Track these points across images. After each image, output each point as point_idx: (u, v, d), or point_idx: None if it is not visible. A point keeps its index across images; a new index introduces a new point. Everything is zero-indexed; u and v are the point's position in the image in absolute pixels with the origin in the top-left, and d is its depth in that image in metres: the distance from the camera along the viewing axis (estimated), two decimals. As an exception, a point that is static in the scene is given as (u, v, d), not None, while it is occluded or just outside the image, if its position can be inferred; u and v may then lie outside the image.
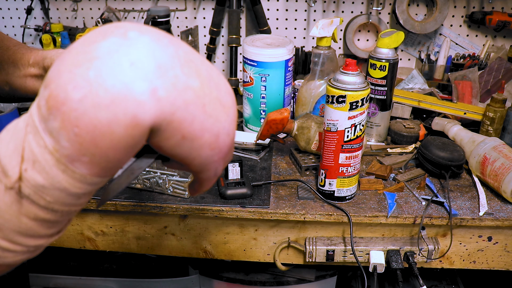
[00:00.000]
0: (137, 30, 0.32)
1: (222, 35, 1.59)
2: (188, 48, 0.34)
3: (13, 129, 0.33)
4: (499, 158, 0.95)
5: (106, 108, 0.29)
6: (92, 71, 0.29)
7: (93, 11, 1.58)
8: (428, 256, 0.93)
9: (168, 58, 0.31)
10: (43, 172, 0.31)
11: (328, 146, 0.88)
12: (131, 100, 0.30)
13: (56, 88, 0.30)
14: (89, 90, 0.29)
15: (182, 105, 0.32)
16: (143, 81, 0.30)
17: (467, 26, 1.52)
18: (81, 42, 0.31)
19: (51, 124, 0.30)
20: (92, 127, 0.30)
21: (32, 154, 0.31)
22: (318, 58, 1.12)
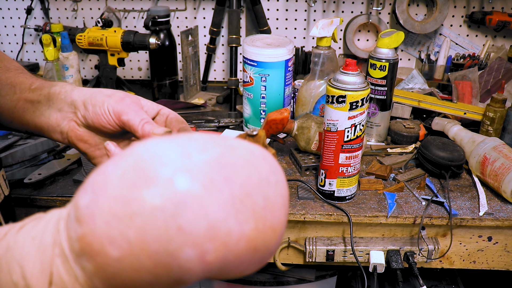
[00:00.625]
0: (187, 173, 0.28)
1: (222, 35, 1.59)
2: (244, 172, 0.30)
3: (39, 242, 0.31)
4: (499, 158, 0.95)
5: (148, 272, 0.28)
6: (132, 230, 0.27)
7: (93, 11, 1.58)
8: (428, 256, 0.93)
9: (221, 209, 0.28)
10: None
11: (328, 146, 0.88)
12: (176, 268, 0.28)
13: (91, 234, 0.28)
14: (129, 252, 0.27)
15: (232, 259, 0.29)
16: (191, 248, 0.27)
17: (467, 26, 1.52)
18: (118, 180, 0.28)
19: (84, 263, 0.29)
20: (131, 283, 0.29)
21: (61, 282, 0.30)
22: (318, 58, 1.12)
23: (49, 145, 1.10)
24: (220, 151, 0.30)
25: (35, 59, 1.68)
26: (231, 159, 0.30)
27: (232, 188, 0.29)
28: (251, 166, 0.30)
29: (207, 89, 1.58)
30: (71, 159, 1.08)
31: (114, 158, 0.30)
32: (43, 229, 0.32)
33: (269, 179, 0.31)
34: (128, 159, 0.29)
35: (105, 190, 0.28)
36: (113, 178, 0.29)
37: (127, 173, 0.28)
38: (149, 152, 0.29)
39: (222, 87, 1.60)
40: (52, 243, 0.31)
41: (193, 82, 1.49)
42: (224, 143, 0.31)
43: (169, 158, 0.28)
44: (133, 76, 1.68)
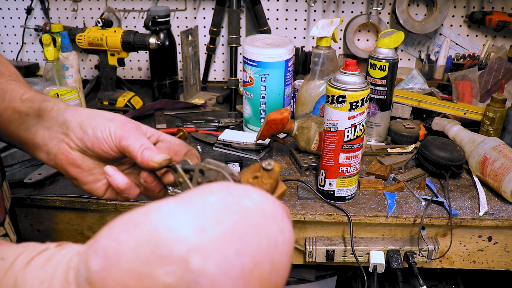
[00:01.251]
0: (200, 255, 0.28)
1: (222, 35, 1.59)
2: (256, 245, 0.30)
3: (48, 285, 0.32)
4: (499, 158, 0.95)
5: None
6: None
7: (93, 11, 1.58)
8: (428, 256, 0.93)
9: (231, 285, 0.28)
10: None
11: (328, 146, 0.88)
12: None
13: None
14: None
15: None
16: None
17: (467, 26, 1.52)
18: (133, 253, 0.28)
19: None
20: None
21: None
22: (318, 58, 1.12)
23: (49, 145, 1.10)
24: (235, 220, 0.30)
25: (35, 59, 1.68)
26: (244, 227, 0.30)
27: (243, 261, 0.29)
28: (262, 231, 0.31)
29: (207, 89, 1.58)
30: (71, 159, 1.07)
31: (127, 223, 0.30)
32: (52, 274, 0.32)
33: (277, 241, 0.31)
34: (142, 229, 0.29)
35: (118, 261, 0.29)
36: (127, 250, 0.29)
37: (141, 247, 0.28)
38: (164, 225, 0.29)
39: (222, 87, 1.60)
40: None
41: (193, 82, 1.49)
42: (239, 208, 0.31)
43: (184, 233, 0.28)
44: (133, 76, 1.68)
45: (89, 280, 0.29)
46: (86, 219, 0.99)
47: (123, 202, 0.93)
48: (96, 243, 0.31)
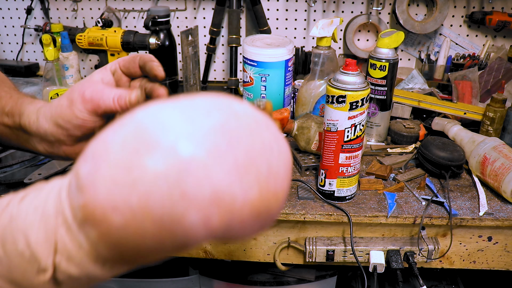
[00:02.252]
0: (191, 139, 0.27)
1: (222, 35, 1.59)
2: (248, 139, 0.29)
3: (42, 211, 0.32)
4: (499, 158, 0.95)
5: (152, 237, 0.28)
6: (135, 197, 0.27)
7: (93, 11, 1.58)
8: (428, 256, 0.93)
9: (226, 176, 0.27)
10: (79, 267, 0.31)
11: (328, 146, 0.88)
12: (180, 232, 0.28)
13: (93, 202, 0.28)
14: (132, 218, 0.27)
15: (237, 223, 0.29)
16: (195, 214, 0.27)
17: (467, 26, 1.52)
18: (120, 146, 0.28)
19: (88, 231, 0.30)
20: (135, 249, 0.29)
21: (66, 250, 0.31)
22: (318, 58, 1.12)
23: (49, 145, 1.10)
24: (224, 117, 0.29)
25: (35, 59, 1.68)
26: (235, 126, 0.29)
27: (236, 154, 0.28)
28: (255, 134, 0.30)
29: (207, 89, 1.58)
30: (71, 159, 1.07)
31: (114, 126, 0.29)
32: (45, 199, 0.32)
33: (272, 147, 0.30)
34: (128, 126, 0.28)
35: (106, 158, 0.28)
36: (114, 146, 0.28)
37: (128, 140, 0.28)
38: (151, 118, 0.28)
39: (222, 87, 1.60)
40: (55, 213, 0.31)
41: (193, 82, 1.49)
42: (228, 108, 0.30)
43: (172, 123, 0.27)
44: (133, 76, 1.68)
45: (79, 186, 0.29)
46: (86, 219, 0.99)
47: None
48: (84, 152, 0.30)
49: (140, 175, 0.27)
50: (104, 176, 0.28)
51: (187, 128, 0.27)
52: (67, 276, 0.32)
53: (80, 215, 0.29)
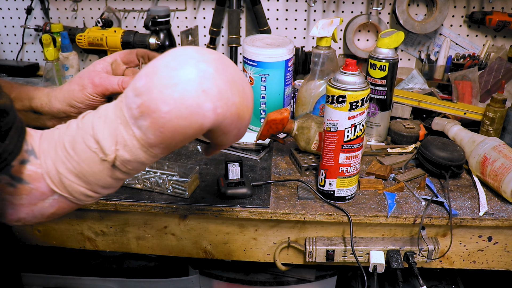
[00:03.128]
0: (204, 62, 0.46)
1: (222, 35, 1.59)
2: (232, 69, 0.49)
3: (104, 119, 0.47)
4: (499, 158, 0.95)
5: (185, 118, 0.44)
6: (177, 93, 0.44)
7: (93, 11, 1.58)
8: (428, 256, 0.93)
9: (224, 83, 0.46)
10: (130, 152, 0.47)
11: (328, 146, 0.88)
12: (201, 115, 0.45)
13: (149, 100, 0.44)
14: (174, 106, 0.44)
15: (228, 116, 0.48)
16: (209, 103, 0.45)
17: (467, 26, 1.52)
18: (164, 67, 0.45)
19: (141, 123, 0.45)
20: (173, 129, 0.45)
21: (123, 140, 0.46)
22: (318, 58, 1.12)
23: (49, 145, 1.10)
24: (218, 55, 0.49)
25: (35, 59, 1.68)
26: (223, 60, 0.49)
27: (228, 74, 0.48)
28: (234, 67, 0.50)
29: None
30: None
31: (157, 59, 0.46)
32: (105, 111, 0.48)
33: (243, 78, 0.51)
34: (167, 56, 0.46)
35: (156, 73, 0.45)
36: (161, 66, 0.45)
37: (169, 63, 0.45)
38: (180, 51, 0.47)
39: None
40: (115, 117, 0.46)
41: (193, 82, 1.49)
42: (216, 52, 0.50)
43: (193, 54, 0.46)
44: (133, 76, 1.68)
45: (137, 93, 0.44)
46: (86, 219, 0.99)
47: (123, 202, 0.93)
48: (136, 75, 0.46)
49: (179, 80, 0.44)
50: (156, 83, 0.44)
51: (202, 57, 0.46)
52: (122, 161, 0.47)
53: (136, 112, 0.44)
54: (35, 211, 0.49)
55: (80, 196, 0.50)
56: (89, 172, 0.48)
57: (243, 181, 0.96)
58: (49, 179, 0.48)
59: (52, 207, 0.50)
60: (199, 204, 0.92)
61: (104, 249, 1.04)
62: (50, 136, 0.49)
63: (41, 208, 0.49)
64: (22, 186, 0.47)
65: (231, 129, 0.50)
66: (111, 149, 0.46)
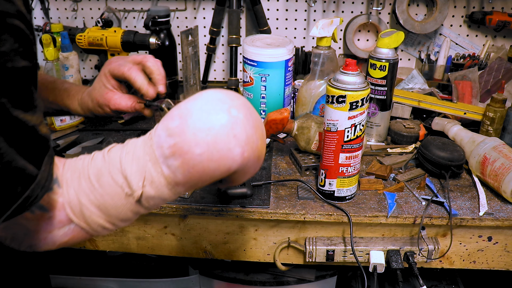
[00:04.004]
0: (235, 108, 0.48)
1: (222, 35, 1.59)
2: (255, 113, 0.52)
3: (132, 154, 0.49)
4: (499, 158, 0.95)
5: (215, 161, 0.47)
6: (210, 137, 0.46)
7: (93, 11, 1.58)
8: (428, 256, 0.93)
9: (251, 129, 0.49)
10: (156, 189, 0.48)
11: (328, 146, 0.88)
12: (230, 158, 0.47)
13: (182, 141, 0.46)
14: (206, 149, 0.46)
15: (252, 159, 0.50)
16: (239, 148, 0.48)
17: (467, 26, 1.52)
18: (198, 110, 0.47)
19: (171, 162, 0.47)
20: (202, 170, 0.47)
21: (150, 177, 0.48)
22: (318, 58, 1.12)
23: (49, 145, 1.10)
24: (244, 100, 0.51)
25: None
26: (249, 105, 0.51)
27: (253, 119, 0.50)
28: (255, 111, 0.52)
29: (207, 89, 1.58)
30: (71, 159, 1.07)
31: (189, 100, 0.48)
32: (133, 146, 0.49)
33: (261, 120, 0.55)
34: (201, 99, 0.48)
35: (191, 115, 0.46)
36: (195, 109, 0.47)
37: (203, 106, 0.47)
38: (212, 95, 0.49)
39: (222, 87, 1.60)
40: (143, 154, 0.48)
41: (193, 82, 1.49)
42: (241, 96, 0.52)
43: (225, 99, 0.48)
44: (133, 76, 1.68)
45: (170, 134, 0.46)
46: (86, 219, 0.99)
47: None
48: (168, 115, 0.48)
49: (213, 124, 0.46)
50: (190, 125, 0.46)
51: (233, 102, 0.48)
52: (146, 197, 0.48)
53: (168, 152, 0.46)
54: (48, 238, 0.50)
55: (98, 228, 0.50)
56: (112, 205, 0.49)
57: None
58: (69, 208, 0.48)
59: (66, 236, 0.50)
60: (199, 204, 0.92)
61: (104, 249, 1.04)
62: (74, 165, 0.50)
63: (54, 236, 0.49)
64: (41, 213, 0.47)
65: (251, 170, 0.53)
66: (138, 185, 0.48)
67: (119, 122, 1.31)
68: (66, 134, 1.22)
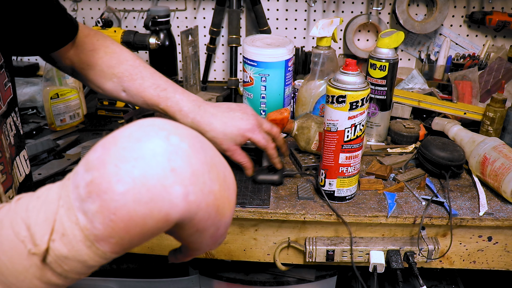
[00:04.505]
0: (178, 136, 0.35)
1: (222, 35, 1.59)
2: (212, 151, 0.39)
3: (44, 199, 0.36)
4: (499, 158, 0.95)
5: (145, 204, 0.33)
6: (137, 170, 0.33)
7: (93, 11, 1.58)
8: (428, 256, 0.93)
9: (200, 165, 0.36)
10: (69, 245, 0.34)
11: (328, 146, 0.88)
12: (167, 201, 0.34)
13: (100, 177, 0.33)
14: (132, 186, 0.33)
15: (204, 207, 0.36)
16: (180, 186, 0.34)
17: (467, 26, 1.52)
18: (126, 137, 0.35)
19: (88, 206, 0.34)
20: (128, 217, 0.33)
21: (62, 227, 0.34)
22: (318, 58, 1.12)
23: (49, 145, 1.10)
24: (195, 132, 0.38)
25: (35, 59, 1.68)
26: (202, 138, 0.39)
27: (206, 154, 0.37)
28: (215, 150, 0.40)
29: (207, 89, 1.58)
30: (71, 159, 1.08)
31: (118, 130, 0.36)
32: (48, 189, 0.37)
33: (225, 164, 0.41)
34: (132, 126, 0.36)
35: (115, 144, 0.34)
36: (121, 137, 0.35)
37: (133, 133, 0.35)
38: (148, 121, 0.36)
39: (222, 87, 1.60)
40: (57, 198, 0.35)
41: (193, 82, 1.49)
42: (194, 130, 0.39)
43: (164, 126, 0.36)
44: (133, 76, 1.68)
45: (88, 168, 0.34)
46: (86, 219, 0.99)
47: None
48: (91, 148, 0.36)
49: (142, 153, 0.33)
50: (112, 156, 0.33)
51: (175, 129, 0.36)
52: (56, 256, 0.35)
53: (84, 192, 0.34)
54: None
55: None
56: (11, 269, 0.35)
57: (275, 169, 1.00)
58: None
59: None
60: (199, 204, 0.92)
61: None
62: None
63: None
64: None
65: (207, 226, 0.38)
66: (43, 239, 0.34)
67: (119, 122, 1.31)
68: (66, 134, 1.23)
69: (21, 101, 1.34)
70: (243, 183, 0.99)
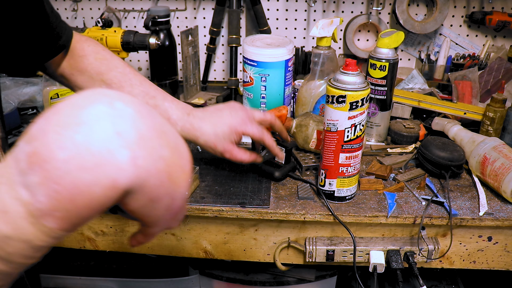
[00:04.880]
0: (122, 101, 0.34)
1: (222, 35, 1.59)
2: (161, 120, 0.37)
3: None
4: (499, 158, 0.95)
5: (90, 170, 0.31)
6: (79, 135, 0.31)
7: (93, 11, 1.58)
8: (428, 256, 0.93)
9: (148, 129, 0.34)
10: (11, 223, 0.32)
11: (328, 146, 0.88)
12: (113, 166, 0.32)
13: (41, 146, 0.31)
14: (75, 152, 0.31)
15: (154, 173, 0.34)
16: (126, 150, 0.32)
17: (467, 26, 1.52)
18: (68, 105, 0.33)
19: (30, 179, 0.31)
20: (73, 186, 0.31)
21: (2, 205, 0.32)
22: (318, 58, 1.12)
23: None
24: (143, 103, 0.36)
25: (35, 59, 1.68)
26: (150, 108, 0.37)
27: (154, 121, 0.36)
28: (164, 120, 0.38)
29: (207, 89, 1.58)
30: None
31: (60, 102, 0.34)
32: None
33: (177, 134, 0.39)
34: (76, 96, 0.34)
35: (57, 113, 0.32)
36: (64, 106, 0.33)
37: (75, 101, 0.33)
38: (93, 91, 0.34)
39: (222, 87, 1.60)
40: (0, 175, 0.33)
41: (193, 82, 1.49)
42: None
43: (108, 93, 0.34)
44: (133, 76, 1.68)
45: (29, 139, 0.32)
46: (86, 219, 0.99)
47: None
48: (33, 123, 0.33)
49: (85, 118, 0.32)
50: (53, 124, 0.32)
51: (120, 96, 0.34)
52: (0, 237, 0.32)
53: (25, 164, 0.31)
54: None
55: None
56: None
57: (279, 165, 1.00)
58: None
59: None
60: (199, 204, 0.92)
61: (104, 249, 1.04)
62: None
63: None
64: None
65: (160, 195, 0.36)
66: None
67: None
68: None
69: (21, 101, 1.34)
70: (243, 183, 0.99)
